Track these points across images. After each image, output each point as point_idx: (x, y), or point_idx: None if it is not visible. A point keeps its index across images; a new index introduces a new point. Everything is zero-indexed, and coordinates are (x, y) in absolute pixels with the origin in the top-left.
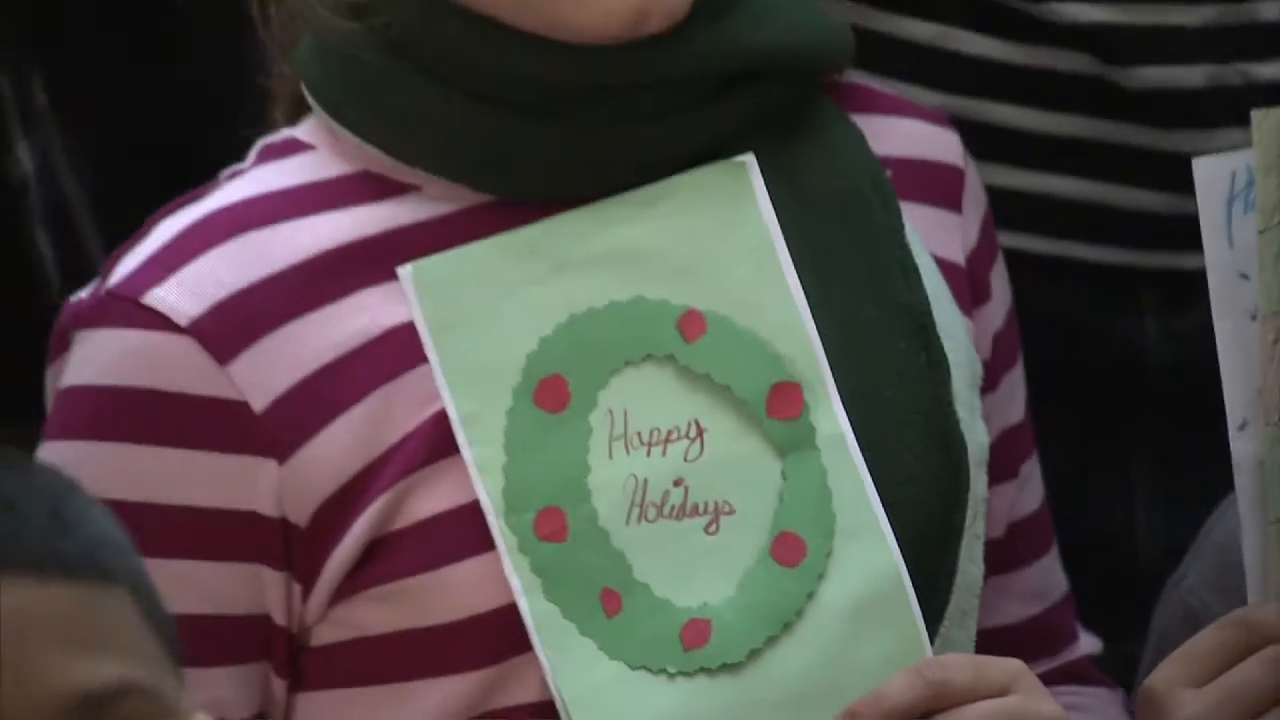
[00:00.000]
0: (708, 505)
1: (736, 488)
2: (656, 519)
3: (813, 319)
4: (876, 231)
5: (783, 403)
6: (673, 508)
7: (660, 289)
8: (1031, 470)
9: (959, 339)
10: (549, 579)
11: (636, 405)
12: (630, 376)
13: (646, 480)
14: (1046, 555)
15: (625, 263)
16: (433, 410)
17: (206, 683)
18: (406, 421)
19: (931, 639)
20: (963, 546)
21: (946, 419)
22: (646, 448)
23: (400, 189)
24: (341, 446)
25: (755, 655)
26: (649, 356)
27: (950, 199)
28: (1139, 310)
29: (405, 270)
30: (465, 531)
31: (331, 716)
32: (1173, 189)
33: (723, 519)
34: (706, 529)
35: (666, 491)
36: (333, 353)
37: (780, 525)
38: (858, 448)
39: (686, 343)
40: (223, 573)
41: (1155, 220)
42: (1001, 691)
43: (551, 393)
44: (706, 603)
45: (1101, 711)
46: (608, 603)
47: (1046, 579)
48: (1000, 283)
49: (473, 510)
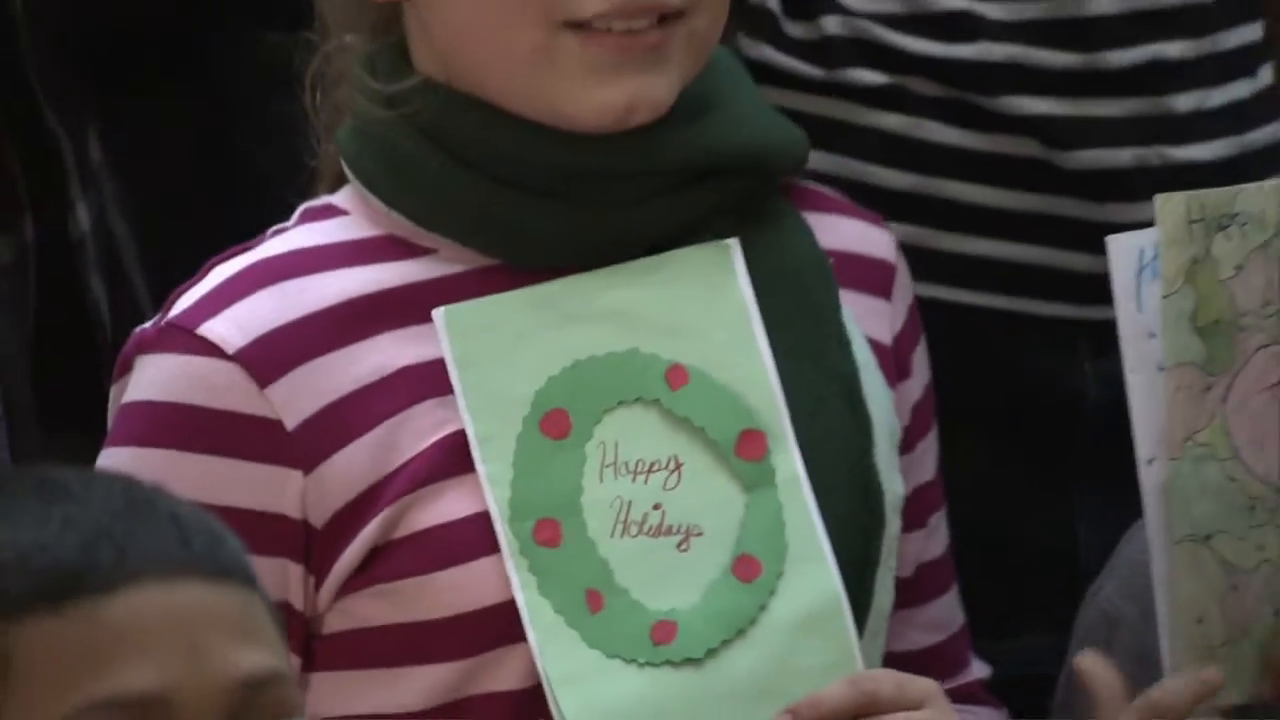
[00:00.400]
0: (681, 527)
1: (706, 514)
2: (637, 535)
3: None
4: (819, 310)
5: (749, 446)
6: (651, 527)
7: (652, 344)
8: (939, 521)
9: (883, 405)
10: (543, 578)
11: (626, 439)
12: (622, 415)
13: (630, 502)
14: (948, 593)
15: (624, 320)
16: (438, 437)
17: None
18: (411, 447)
19: None
20: (878, 577)
21: (869, 470)
22: (632, 475)
23: (420, 251)
24: (357, 464)
25: (713, 654)
26: (639, 399)
27: (882, 289)
28: (1078, 356)
29: (439, 312)
30: (468, 538)
31: (333, 694)
32: (1105, 253)
33: (693, 539)
34: (679, 546)
35: (646, 513)
36: (354, 385)
37: (741, 548)
38: (810, 488)
39: (671, 390)
40: (255, 564)
41: (1091, 279)
42: (917, 705)
43: (555, 423)
44: (675, 607)
45: None
46: (592, 601)
47: (948, 613)
48: (920, 363)
49: (473, 521)
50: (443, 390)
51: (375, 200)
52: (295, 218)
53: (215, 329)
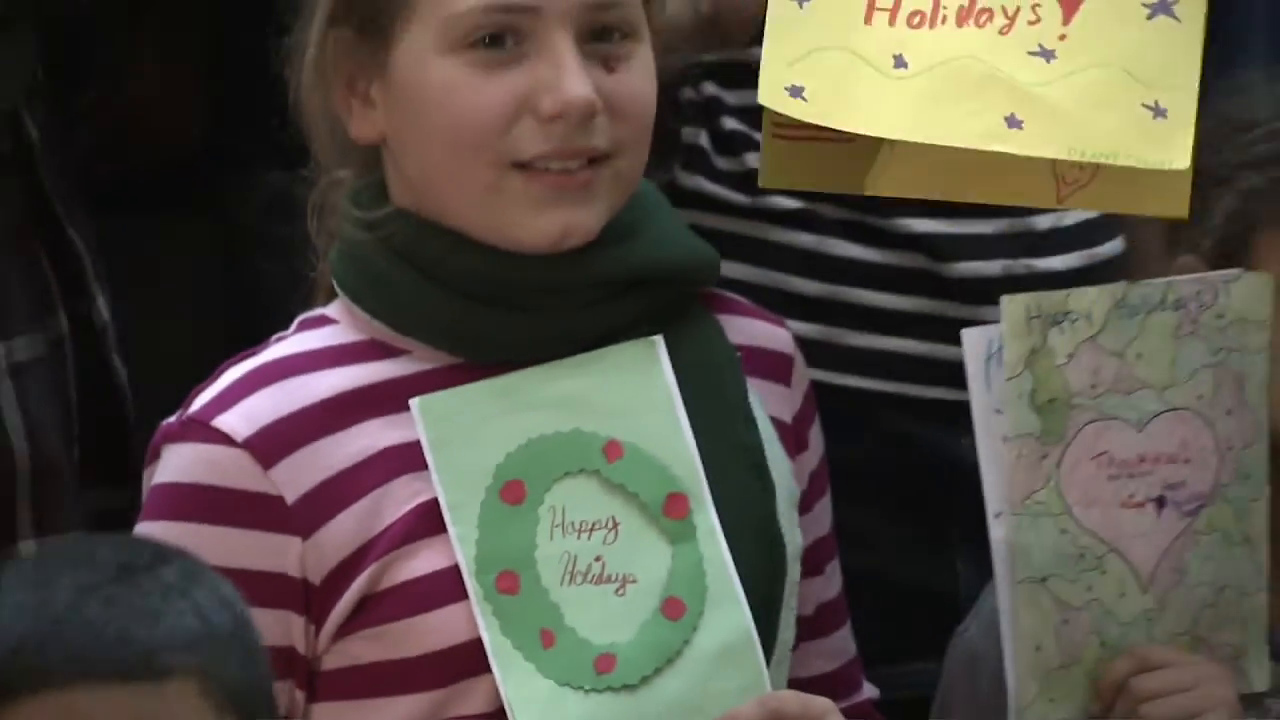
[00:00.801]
0: (618, 575)
1: (639, 564)
2: (582, 583)
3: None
4: (729, 395)
5: (674, 508)
6: (594, 576)
7: (592, 424)
8: (834, 569)
9: (783, 472)
10: (504, 620)
11: (572, 503)
12: (568, 483)
13: (576, 556)
14: (843, 628)
15: (568, 405)
16: (414, 504)
17: None
18: (392, 514)
19: None
20: (782, 615)
21: (772, 526)
22: (577, 533)
23: (397, 352)
24: (347, 530)
25: (646, 681)
26: (582, 470)
27: (783, 377)
28: (956, 430)
29: (415, 402)
30: (442, 588)
31: None
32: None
33: (628, 585)
34: (617, 591)
35: (590, 564)
36: (344, 464)
37: (668, 591)
38: (724, 542)
39: (609, 462)
40: (263, 616)
41: None
42: (823, 719)
43: (513, 491)
44: (614, 642)
45: None
46: (545, 639)
47: (843, 644)
48: (816, 437)
49: (445, 574)
50: (418, 466)
51: (359, 311)
52: (294, 326)
53: (227, 421)
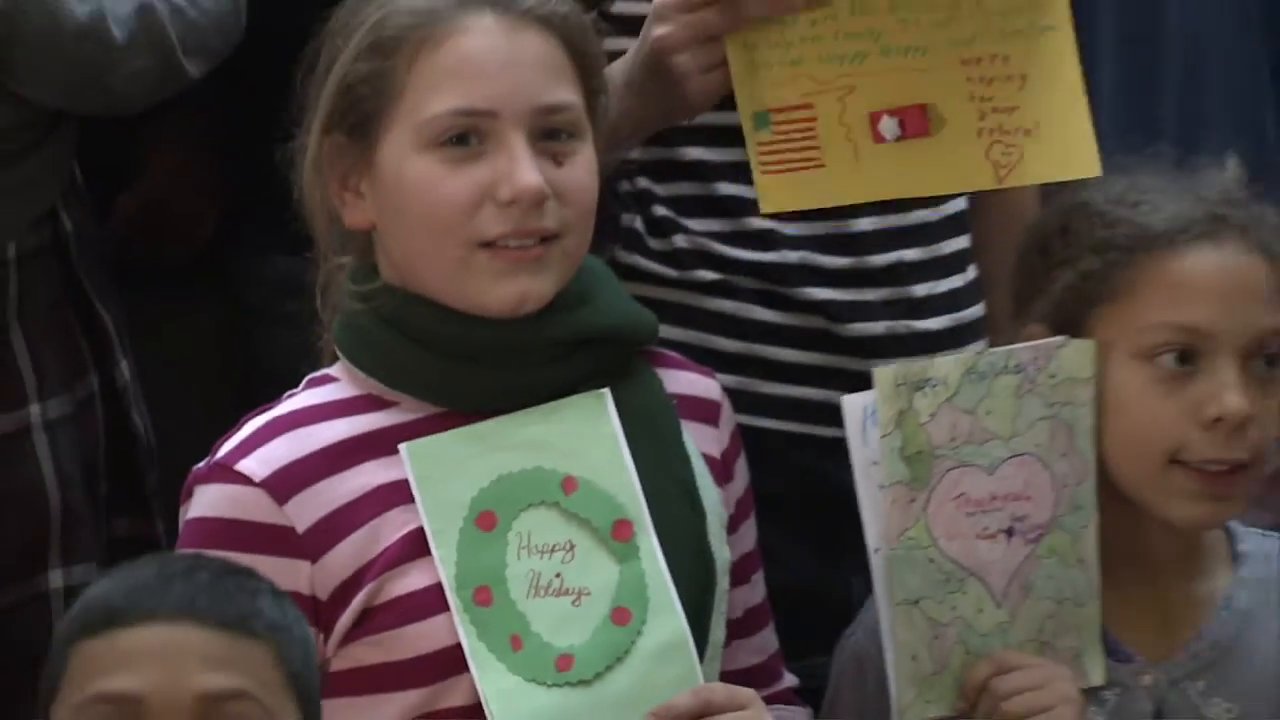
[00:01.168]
0: (575, 589)
1: (592, 579)
2: (545, 596)
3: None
4: (666, 436)
5: (621, 532)
6: (554, 589)
7: (552, 463)
8: (758, 578)
9: (713, 500)
10: (480, 628)
11: (535, 529)
12: (532, 513)
13: (539, 573)
14: (766, 628)
15: (532, 447)
16: (404, 532)
17: None
18: (386, 540)
19: None
20: (713, 619)
21: (704, 545)
22: (540, 554)
23: (388, 404)
24: (347, 556)
25: (599, 676)
26: (543, 501)
27: (712, 420)
28: (850, 464)
29: (404, 446)
30: (428, 602)
31: (339, 715)
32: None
33: (583, 597)
34: (573, 603)
35: (551, 580)
36: (345, 499)
37: (616, 602)
38: (663, 559)
39: (566, 495)
40: None
41: None
42: (743, 707)
43: (486, 520)
44: (572, 644)
45: None
46: (514, 643)
47: (766, 642)
48: (741, 469)
49: (431, 590)
50: (407, 500)
51: (357, 370)
52: (302, 385)
53: (247, 466)
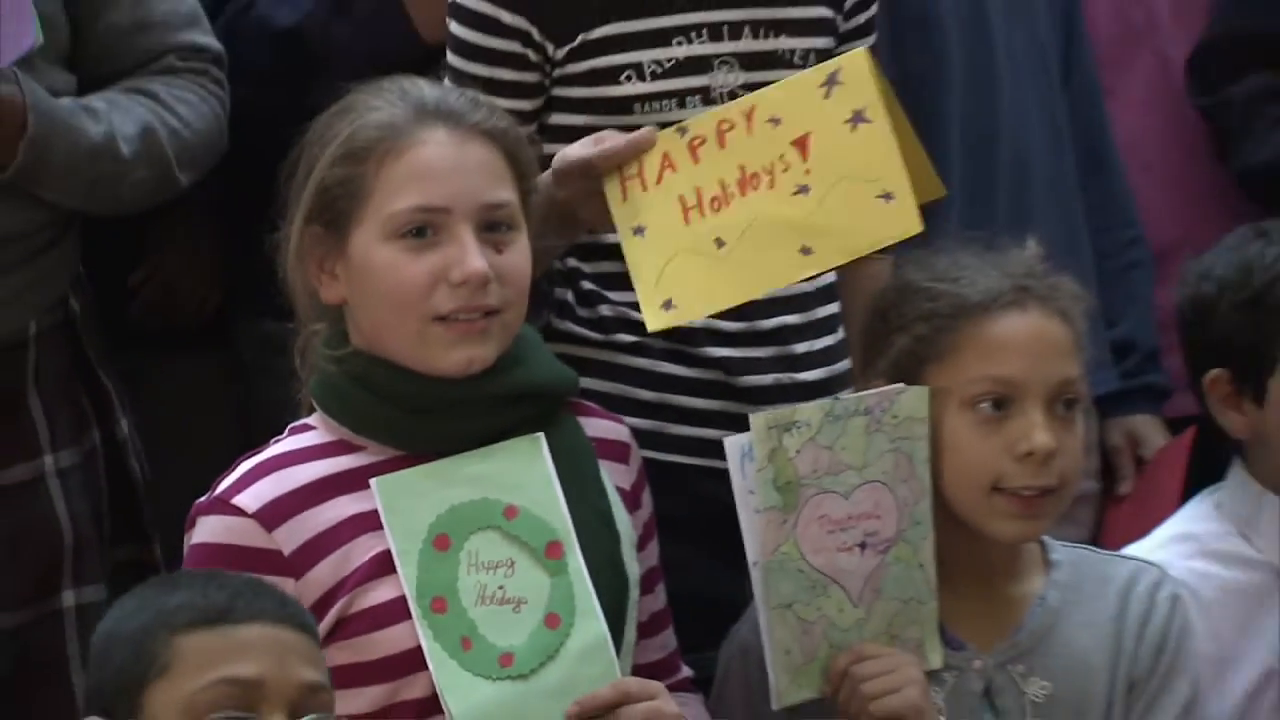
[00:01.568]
0: (515, 599)
1: (529, 591)
2: (490, 604)
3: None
4: (587, 473)
5: (553, 551)
6: (498, 599)
7: (496, 494)
8: (660, 589)
9: (625, 525)
10: (436, 632)
11: (482, 549)
12: (480, 536)
13: (485, 585)
14: (668, 629)
15: (479, 481)
16: (372, 554)
17: None
18: (357, 560)
19: None
20: (627, 624)
21: (618, 563)
22: (486, 570)
23: (356, 448)
24: (325, 574)
25: (534, 671)
26: (489, 526)
27: (623, 458)
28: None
29: (374, 481)
30: (393, 611)
31: None
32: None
33: (521, 606)
34: (514, 610)
35: (495, 592)
36: (323, 527)
37: (549, 609)
38: (586, 574)
39: (508, 520)
40: None
41: None
42: (653, 697)
43: (441, 542)
44: (512, 645)
45: (694, 706)
46: (465, 644)
47: (668, 640)
48: (647, 498)
49: (396, 601)
50: (375, 527)
51: (330, 420)
52: (286, 432)
53: (241, 500)
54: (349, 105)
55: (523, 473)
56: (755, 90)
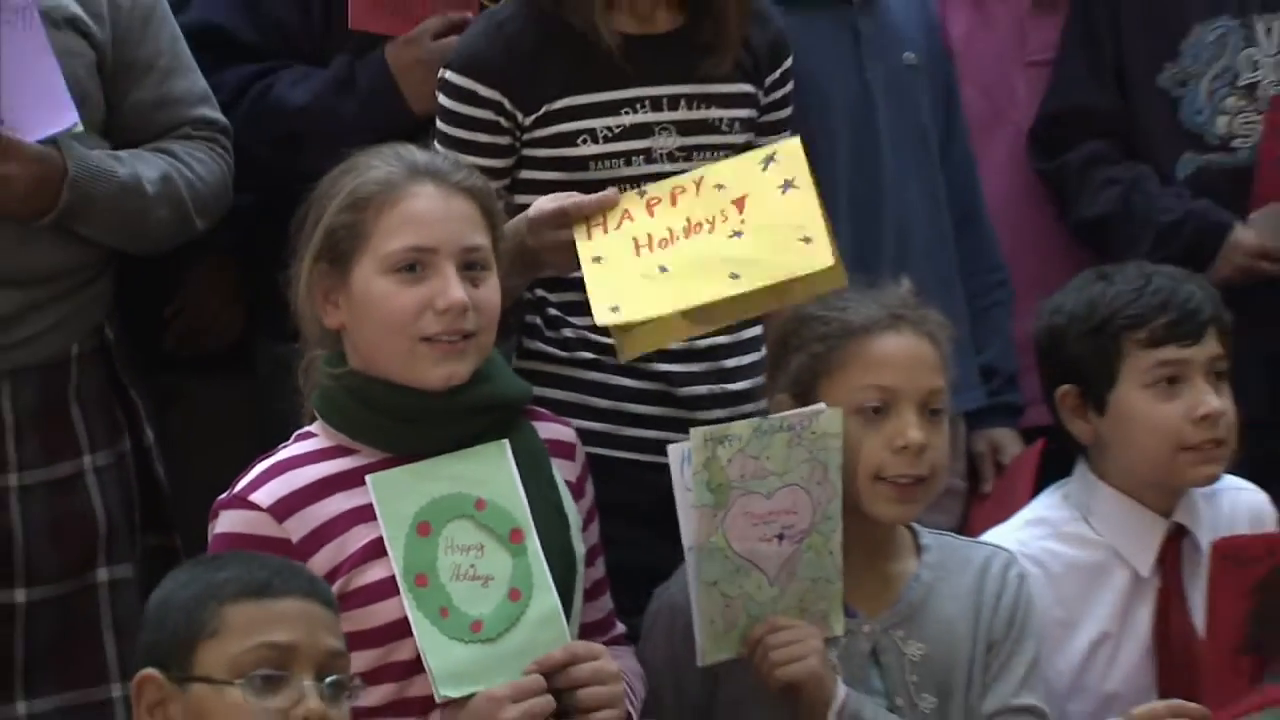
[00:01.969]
0: (484, 576)
1: (495, 570)
2: (463, 580)
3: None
4: (543, 471)
5: (515, 537)
6: (470, 576)
7: (469, 489)
8: (600, 561)
9: (573, 513)
10: (420, 603)
11: (457, 535)
12: (455, 524)
13: (460, 565)
14: (606, 594)
15: (455, 479)
16: (366, 540)
17: None
18: (352, 547)
19: None
20: (575, 595)
21: (568, 544)
22: (460, 552)
23: (352, 452)
24: (326, 559)
25: (500, 636)
26: (462, 515)
27: (570, 455)
28: None
29: (369, 477)
30: (384, 588)
31: None
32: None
33: (489, 582)
34: (483, 585)
35: (467, 570)
36: (322, 520)
37: (511, 585)
38: (542, 555)
39: (479, 511)
40: None
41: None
42: (597, 657)
43: (423, 530)
44: (482, 614)
45: (627, 658)
46: (443, 613)
47: (605, 603)
48: (590, 489)
49: (387, 580)
50: (368, 518)
51: (330, 428)
52: (293, 438)
53: (256, 496)
54: (351, 165)
55: (491, 472)
56: (691, 150)
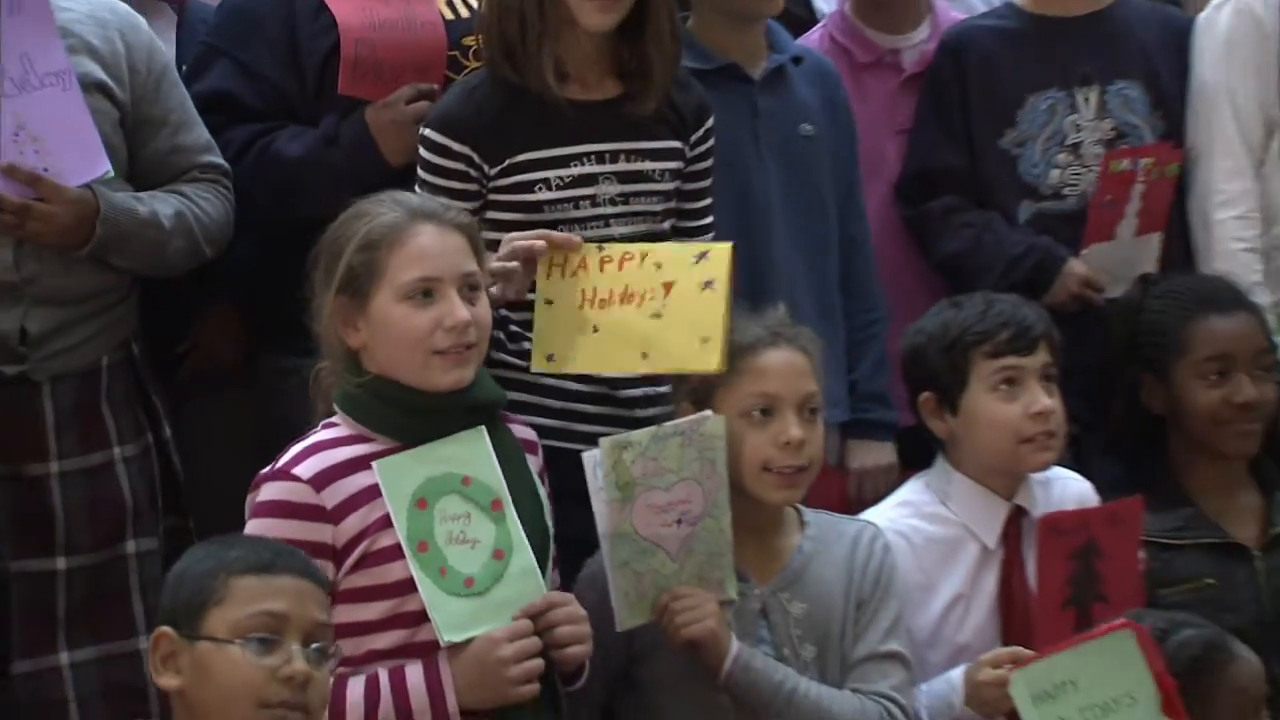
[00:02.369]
0: (472, 540)
1: (481, 535)
2: (456, 545)
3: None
4: (516, 458)
5: (496, 507)
6: (461, 540)
7: (456, 469)
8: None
9: (543, 495)
10: (422, 565)
11: (448, 507)
12: (446, 498)
13: (452, 532)
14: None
15: (447, 460)
16: (381, 513)
17: None
18: (373, 517)
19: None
20: (548, 562)
21: (540, 515)
22: (452, 521)
23: (369, 440)
24: (352, 525)
25: (488, 590)
26: (453, 491)
27: (534, 452)
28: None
29: (377, 463)
30: (393, 553)
31: (343, 615)
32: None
33: (477, 545)
34: (471, 548)
35: (459, 535)
36: (351, 492)
37: (495, 547)
38: (519, 523)
39: (465, 487)
40: (318, 562)
41: None
42: (569, 604)
43: (421, 504)
44: (473, 572)
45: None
46: (441, 573)
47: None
48: (545, 477)
49: (394, 546)
50: (379, 496)
51: (351, 420)
52: (319, 427)
53: (298, 470)
54: (358, 212)
55: (472, 454)
56: (629, 195)
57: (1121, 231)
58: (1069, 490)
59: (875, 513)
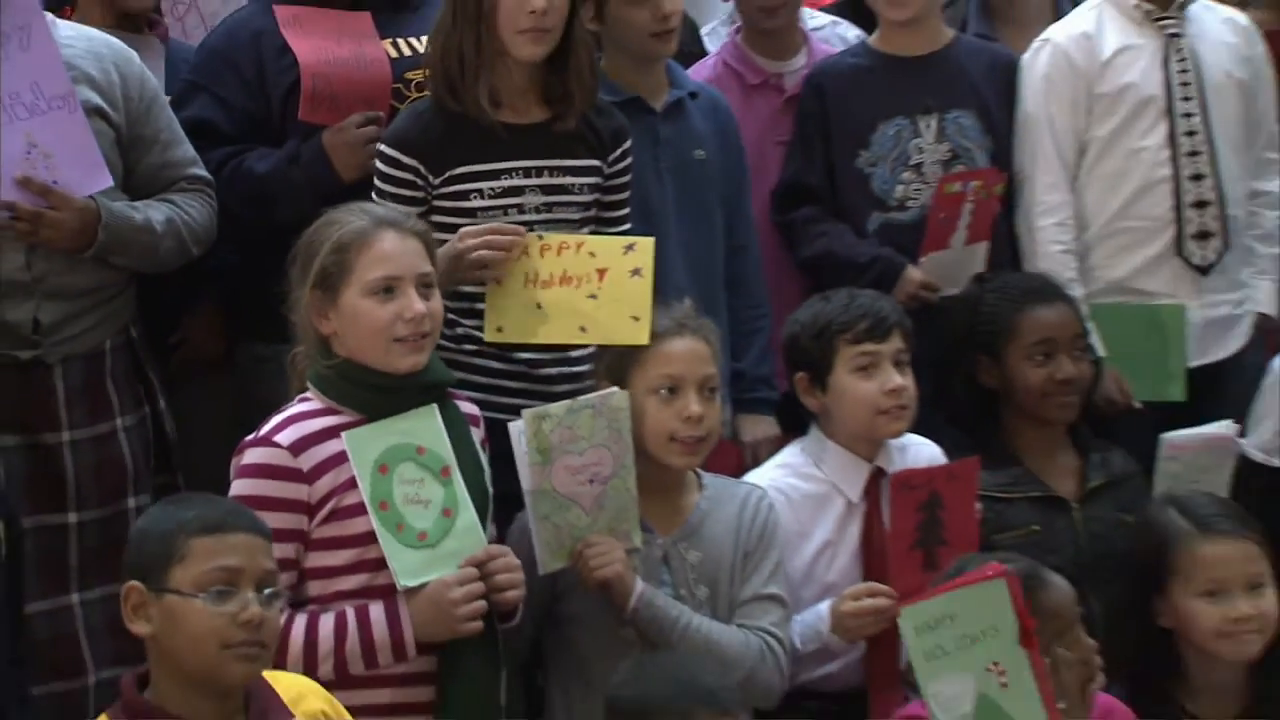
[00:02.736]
0: (425, 500)
1: (432, 496)
2: (412, 505)
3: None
4: (463, 432)
5: (445, 473)
6: (415, 500)
7: (412, 439)
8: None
9: (485, 461)
10: (382, 520)
11: (405, 472)
12: (404, 464)
13: (408, 493)
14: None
15: (404, 432)
16: (345, 478)
17: (282, 549)
18: (341, 479)
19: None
20: (488, 520)
21: (481, 478)
22: (408, 484)
23: (337, 412)
24: (324, 486)
25: (438, 543)
26: (409, 459)
27: (477, 424)
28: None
29: (346, 434)
30: (357, 510)
31: (315, 562)
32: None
33: (429, 505)
34: (424, 507)
35: (414, 496)
36: (324, 456)
37: (444, 506)
38: (464, 487)
39: (419, 455)
40: (292, 518)
41: None
42: (506, 555)
43: (383, 469)
44: (425, 527)
45: None
46: (399, 529)
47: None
48: (486, 447)
49: (359, 505)
50: (347, 461)
51: (324, 396)
52: (294, 400)
53: (279, 437)
54: (330, 219)
55: (425, 427)
56: (551, 205)
57: (954, 241)
58: (922, 454)
59: (759, 473)
